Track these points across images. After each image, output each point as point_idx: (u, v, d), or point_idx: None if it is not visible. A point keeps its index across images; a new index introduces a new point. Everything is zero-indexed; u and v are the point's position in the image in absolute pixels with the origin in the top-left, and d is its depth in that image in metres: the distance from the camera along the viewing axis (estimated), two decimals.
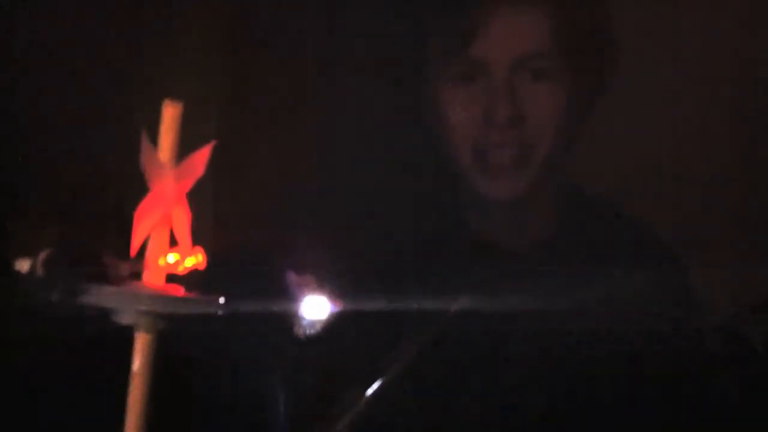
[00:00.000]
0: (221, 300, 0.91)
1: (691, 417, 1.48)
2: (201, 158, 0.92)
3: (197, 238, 0.92)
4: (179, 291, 0.90)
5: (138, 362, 0.89)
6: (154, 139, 0.91)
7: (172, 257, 0.89)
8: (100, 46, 1.55)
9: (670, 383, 1.47)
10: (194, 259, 0.90)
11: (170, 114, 0.91)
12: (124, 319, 0.88)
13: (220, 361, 1.44)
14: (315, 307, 1.38)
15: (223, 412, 1.46)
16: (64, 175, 1.40)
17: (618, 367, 1.46)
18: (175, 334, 0.93)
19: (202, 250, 0.91)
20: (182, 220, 0.91)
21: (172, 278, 0.91)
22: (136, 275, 0.89)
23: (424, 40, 1.50)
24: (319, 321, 1.39)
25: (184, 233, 0.91)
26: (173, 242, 0.91)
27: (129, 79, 1.50)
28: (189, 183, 0.91)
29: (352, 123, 1.75)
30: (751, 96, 1.76)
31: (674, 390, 1.48)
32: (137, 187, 0.89)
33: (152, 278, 0.89)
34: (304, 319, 1.39)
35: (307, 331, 1.39)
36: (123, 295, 0.87)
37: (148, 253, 0.89)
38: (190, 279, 0.91)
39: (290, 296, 1.39)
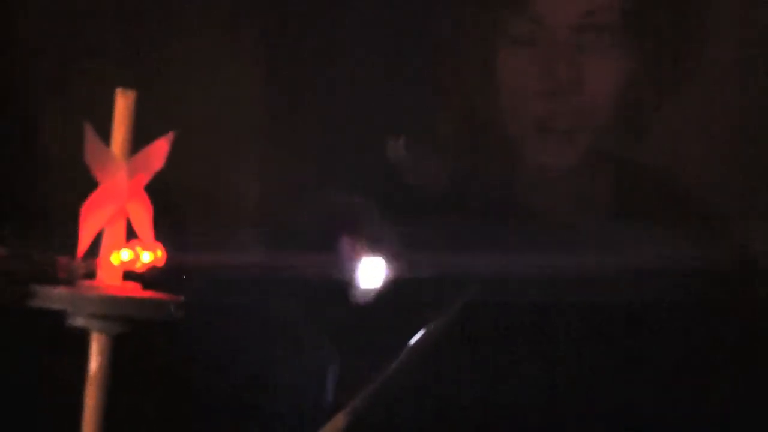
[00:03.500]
0: (181, 299, 0.86)
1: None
2: (159, 150, 0.87)
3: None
4: (137, 291, 0.86)
5: (94, 364, 0.85)
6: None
7: (126, 254, 0.85)
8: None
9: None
10: (152, 255, 0.86)
11: (123, 104, 0.86)
12: (77, 322, 0.84)
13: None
14: (371, 272, 1.35)
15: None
16: (11, 172, 1.38)
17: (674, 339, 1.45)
18: None
19: (161, 245, 0.87)
20: (141, 215, 0.87)
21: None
22: (91, 274, 0.86)
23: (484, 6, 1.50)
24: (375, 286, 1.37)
25: (144, 228, 0.87)
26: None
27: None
28: (146, 176, 0.87)
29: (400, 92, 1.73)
30: None
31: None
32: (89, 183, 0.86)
33: (107, 277, 0.85)
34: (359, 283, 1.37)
35: (362, 296, 1.38)
36: (74, 297, 0.83)
37: (102, 251, 0.85)
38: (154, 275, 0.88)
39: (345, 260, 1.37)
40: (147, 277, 0.87)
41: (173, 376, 1.41)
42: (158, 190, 0.88)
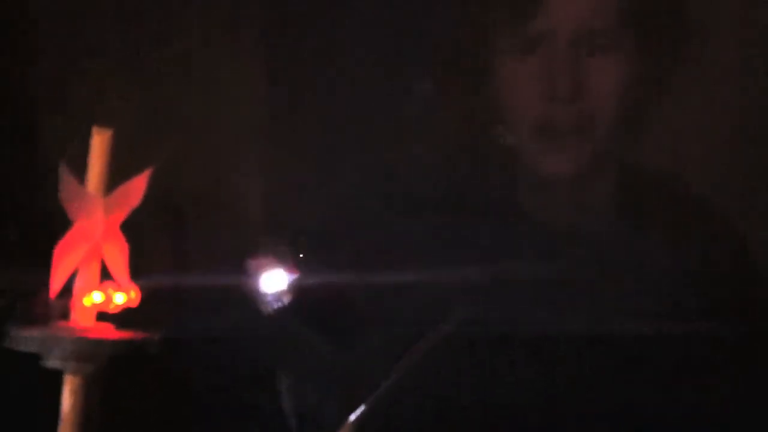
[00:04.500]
0: (156, 337, 0.86)
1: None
2: (136, 187, 0.86)
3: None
4: (108, 332, 0.85)
5: (67, 405, 0.85)
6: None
7: (98, 296, 0.84)
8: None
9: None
10: (125, 297, 0.85)
11: (99, 141, 0.86)
12: (50, 362, 0.83)
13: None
14: (275, 280, 1.39)
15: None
16: None
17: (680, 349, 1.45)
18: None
19: (136, 286, 0.86)
20: (116, 255, 0.86)
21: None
22: (65, 315, 0.85)
23: (486, 13, 1.48)
24: (282, 293, 1.39)
25: (119, 268, 0.86)
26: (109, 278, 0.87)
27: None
28: (122, 214, 0.86)
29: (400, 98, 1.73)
30: None
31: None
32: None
33: (80, 318, 0.85)
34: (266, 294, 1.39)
35: (273, 305, 1.40)
36: (46, 338, 0.82)
37: (75, 292, 0.85)
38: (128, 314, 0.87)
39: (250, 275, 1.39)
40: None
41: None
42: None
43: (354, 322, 1.47)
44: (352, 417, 1.18)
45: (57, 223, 0.86)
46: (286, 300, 1.39)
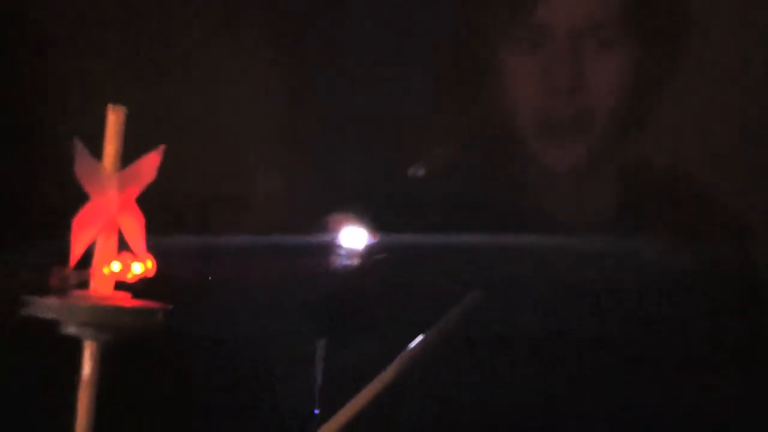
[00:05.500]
0: (169, 307, 0.90)
1: None
2: (150, 163, 0.91)
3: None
4: (126, 300, 0.89)
5: (87, 369, 0.89)
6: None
7: (116, 265, 0.89)
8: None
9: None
10: (143, 266, 0.90)
11: (114, 119, 0.90)
12: (69, 330, 0.88)
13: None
14: (352, 238, 1.40)
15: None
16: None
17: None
18: None
19: (152, 256, 0.91)
20: (132, 227, 0.90)
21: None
22: (84, 284, 0.89)
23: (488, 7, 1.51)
24: (357, 252, 1.39)
25: (135, 240, 0.90)
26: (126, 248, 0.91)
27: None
28: (137, 189, 0.90)
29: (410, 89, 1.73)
30: None
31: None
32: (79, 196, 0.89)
33: (99, 287, 0.89)
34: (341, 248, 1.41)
35: (345, 262, 1.41)
36: (64, 307, 0.87)
37: (94, 262, 0.89)
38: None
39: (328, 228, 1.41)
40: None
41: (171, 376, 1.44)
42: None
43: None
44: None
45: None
46: (359, 260, 1.40)
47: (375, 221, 1.50)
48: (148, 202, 0.91)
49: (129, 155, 0.90)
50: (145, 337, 0.88)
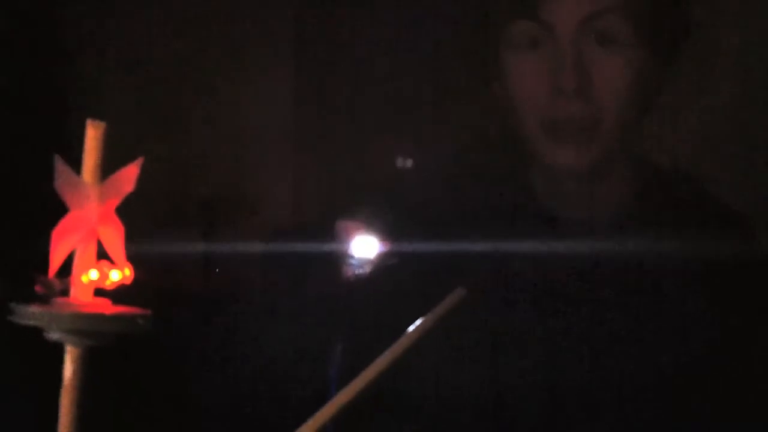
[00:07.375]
0: (149, 313, 0.94)
1: None
2: (128, 175, 0.94)
3: None
4: (106, 307, 0.93)
5: (69, 372, 0.93)
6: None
7: (94, 273, 0.92)
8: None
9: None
10: (120, 274, 0.93)
11: (93, 134, 0.94)
12: (52, 336, 0.92)
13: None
14: (364, 247, 1.39)
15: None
16: None
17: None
18: None
19: (130, 265, 0.94)
20: (112, 237, 0.94)
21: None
22: (65, 292, 0.93)
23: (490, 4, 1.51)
24: (369, 261, 1.41)
25: (115, 249, 0.94)
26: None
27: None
28: (116, 200, 0.94)
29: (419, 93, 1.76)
30: None
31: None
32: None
33: (79, 294, 0.93)
34: (353, 258, 1.42)
35: (357, 271, 1.43)
36: (47, 314, 0.91)
37: (74, 270, 0.93)
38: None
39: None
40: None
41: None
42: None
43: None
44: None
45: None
46: (369, 269, 1.41)
47: (385, 228, 1.52)
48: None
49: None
50: (130, 341, 0.91)
